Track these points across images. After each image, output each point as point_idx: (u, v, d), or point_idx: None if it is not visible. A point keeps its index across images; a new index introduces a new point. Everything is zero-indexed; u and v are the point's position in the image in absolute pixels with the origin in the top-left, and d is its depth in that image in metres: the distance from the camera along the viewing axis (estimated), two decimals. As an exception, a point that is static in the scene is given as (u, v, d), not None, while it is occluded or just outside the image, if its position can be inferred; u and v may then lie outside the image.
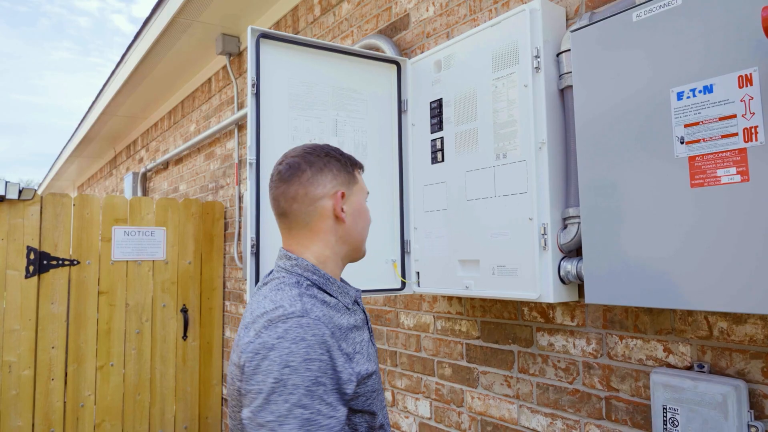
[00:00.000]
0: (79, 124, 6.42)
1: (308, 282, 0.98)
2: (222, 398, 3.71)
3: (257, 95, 1.65)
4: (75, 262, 3.16)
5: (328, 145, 1.07)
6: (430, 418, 2.03)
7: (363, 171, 1.11)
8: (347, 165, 1.06)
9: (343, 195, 1.03)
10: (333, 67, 1.81)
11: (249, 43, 1.65)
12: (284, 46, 1.73)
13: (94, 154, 7.52)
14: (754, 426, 1.11)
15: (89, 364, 3.18)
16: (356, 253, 1.08)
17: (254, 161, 1.63)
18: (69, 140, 7.23)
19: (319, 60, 1.79)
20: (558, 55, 1.49)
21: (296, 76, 1.74)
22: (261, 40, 1.67)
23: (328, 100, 1.80)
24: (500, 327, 1.76)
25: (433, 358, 2.02)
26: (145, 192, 5.62)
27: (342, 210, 1.02)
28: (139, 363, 3.35)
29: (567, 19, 1.56)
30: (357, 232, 1.06)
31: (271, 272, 1.06)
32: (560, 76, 1.48)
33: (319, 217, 1.01)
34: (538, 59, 1.46)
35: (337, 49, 1.81)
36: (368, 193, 1.12)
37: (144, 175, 5.55)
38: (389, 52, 2.16)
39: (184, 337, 3.52)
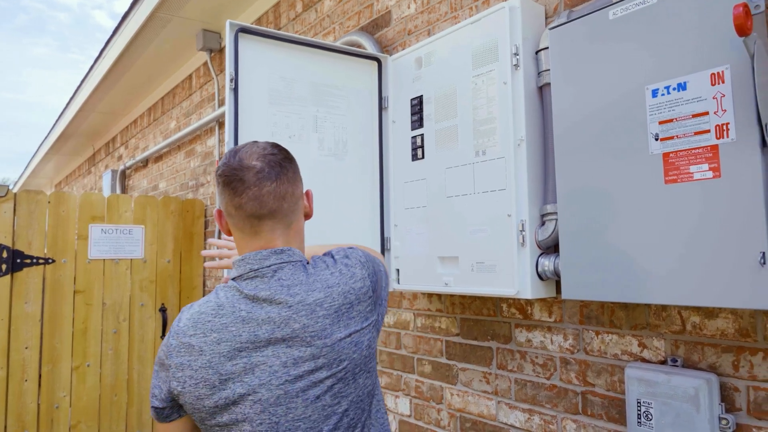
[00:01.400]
0: (57, 121, 6.29)
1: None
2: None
3: (236, 90, 1.64)
4: (50, 261, 3.09)
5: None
6: (409, 416, 2.03)
7: None
8: None
9: (309, 193, 1.06)
10: (313, 63, 1.80)
11: (228, 37, 1.63)
12: (264, 42, 1.71)
13: (72, 151, 7.38)
14: (725, 418, 1.13)
15: (64, 364, 3.11)
16: None
17: (232, 157, 1.60)
18: (46, 137, 7.07)
19: (299, 56, 1.77)
20: (537, 52, 1.50)
21: (276, 72, 1.73)
22: (240, 34, 1.66)
23: (308, 96, 1.79)
24: (479, 324, 1.77)
25: (413, 355, 2.02)
26: (124, 190, 5.53)
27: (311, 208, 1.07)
28: (116, 363, 3.29)
29: (546, 17, 1.57)
30: None
31: (234, 279, 0.97)
32: (539, 73, 1.49)
33: (299, 215, 1.02)
34: (518, 57, 1.46)
35: (318, 45, 1.80)
36: None
37: (123, 172, 5.46)
38: (371, 49, 2.15)
39: (163, 336, 3.47)
